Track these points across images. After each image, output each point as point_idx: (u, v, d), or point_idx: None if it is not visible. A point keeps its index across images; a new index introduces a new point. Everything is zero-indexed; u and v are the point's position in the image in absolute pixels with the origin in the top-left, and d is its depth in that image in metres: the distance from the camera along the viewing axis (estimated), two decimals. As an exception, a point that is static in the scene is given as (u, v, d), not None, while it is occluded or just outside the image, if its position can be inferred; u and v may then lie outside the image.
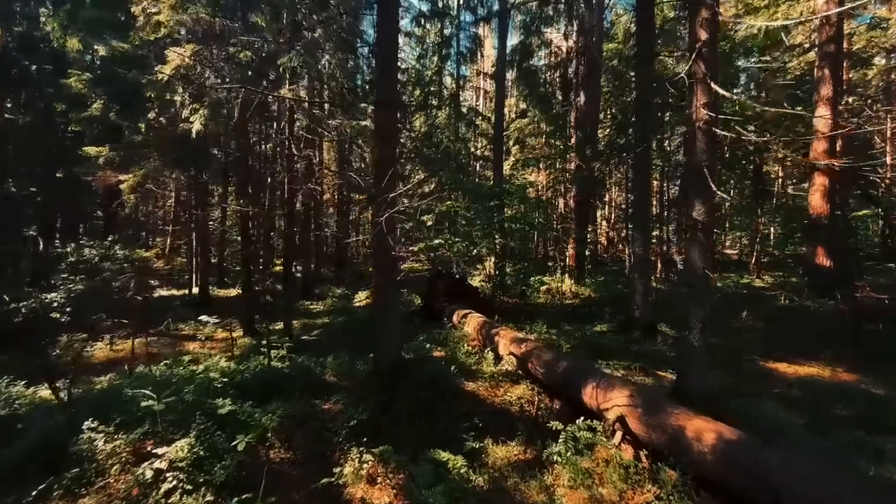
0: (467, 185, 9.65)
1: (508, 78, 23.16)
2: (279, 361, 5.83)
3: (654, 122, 7.67)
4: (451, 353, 6.54)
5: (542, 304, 11.63)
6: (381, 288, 4.75)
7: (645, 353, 6.69)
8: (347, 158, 20.52)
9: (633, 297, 7.66)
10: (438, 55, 22.08)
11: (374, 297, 5.03)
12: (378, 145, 4.93)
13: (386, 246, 4.63)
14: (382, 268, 4.67)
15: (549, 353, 5.22)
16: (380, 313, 4.83)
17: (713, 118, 4.10)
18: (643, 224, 7.50)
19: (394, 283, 4.74)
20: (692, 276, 4.17)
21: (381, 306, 4.80)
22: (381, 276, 4.71)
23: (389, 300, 4.74)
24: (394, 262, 4.71)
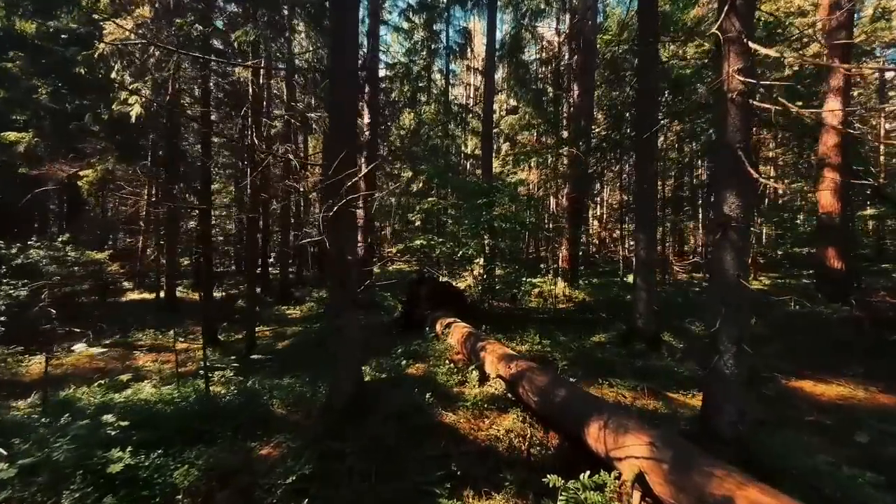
0: (453, 182, 8.72)
1: (499, 75, 22.35)
2: (223, 386, 4.85)
3: (657, 110, 6.78)
4: (430, 370, 5.60)
5: (534, 309, 10.75)
6: (334, 304, 3.80)
7: (651, 369, 5.81)
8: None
9: (636, 304, 6.79)
10: (427, 50, 21.16)
11: (327, 315, 4.03)
12: (329, 124, 3.96)
13: (339, 250, 3.68)
14: (336, 278, 3.72)
15: (544, 375, 4.30)
16: (333, 338, 3.87)
17: (749, 87, 3.21)
18: (648, 222, 6.63)
19: (351, 299, 3.79)
20: (724, 285, 3.28)
21: (334, 329, 3.84)
22: (335, 289, 3.76)
23: (345, 321, 3.78)
24: (350, 271, 3.76)
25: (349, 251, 3.77)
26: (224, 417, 3.84)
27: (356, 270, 3.86)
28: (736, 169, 3.21)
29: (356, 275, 3.86)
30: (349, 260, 3.74)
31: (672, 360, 6.10)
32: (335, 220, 3.73)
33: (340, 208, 3.66)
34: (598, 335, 7.46)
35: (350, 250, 3.76)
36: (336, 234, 3.75)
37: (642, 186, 6.63)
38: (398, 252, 8.17)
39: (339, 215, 3.71)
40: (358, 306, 3.91)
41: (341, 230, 3.75)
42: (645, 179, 6.61)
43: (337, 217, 3.73)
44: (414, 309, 8.44)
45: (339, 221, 3.75)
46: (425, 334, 7.38)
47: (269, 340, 8.98)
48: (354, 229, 3.82)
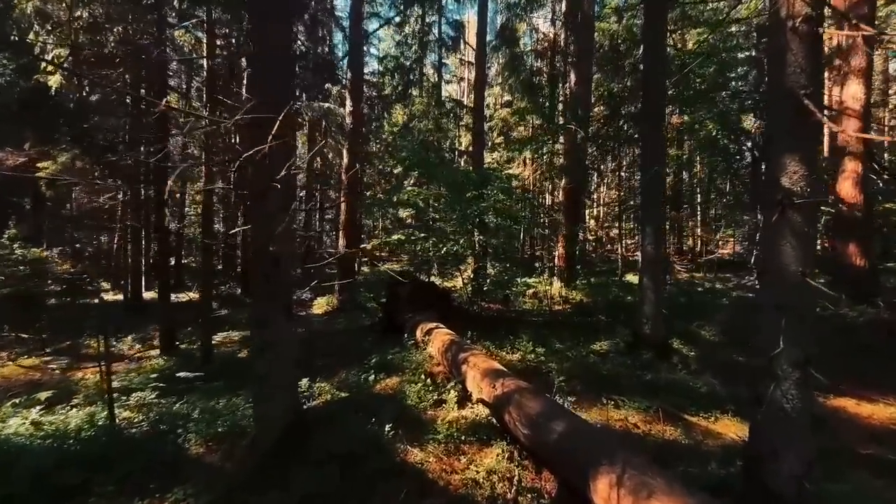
0: (439, 170, 7.78)
1: (493, 70, 21.44)
2: (138, 411, 3.88)
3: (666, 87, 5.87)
4: (402, 387, 4.66)
5: (528, 311, 9.81)
6: (259, 311, 2.85)
7: (663, 384, 4.89)
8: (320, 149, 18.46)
9: (641, 306, 5.86)
10: (419, 42, 20.22)
11: (252, 328, 3.06)
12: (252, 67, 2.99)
13: (265, 238, 2.73)
14: (262, 277, 2.78)
15: (536, 400, 3.36)
16: (260, 357, 2.91)
17: (816, 14, 2.29)
18: (655, 213, 5.70)
19: (283, 304, 2.85)
20: (782, 286, 2.35)
21: (262, 346, 2.88)
22: (260, 290, 2.81)
23: (275, 333, 2.83)
24: (281, 268, 2.81)
25: (280, 241, 2.82)
26: (117, 461, 2.88)
27: (290, 266, 2.91)
28: (799, 125, 2.29)
29: (289, 273, 2.91)
30: (279, 252, 2.80)
31: (686, 373, 5.18)
32: (260, 198, 2.79)
33: (266, 182, 2.72)
34: (600, 342, 6.53)
35: (282, 240, 2.81)
36: (261, 218, 2.81)
37: (649, 173, 5.70)
38: (373, 248, 7.23)
39: (264, 192, 2.76)
40: (291, 312, 2.96)
41: (269, 212, 2.80)
42: (651, 165, 5.68)
43: (262, 194, 2.79)
44: (394, 312, 7.50)
45: (266, 200, 2.81)
46: (404, 341, 6.44)
47: (234, 347, 8.01)
48: (285, 213, 2.86)
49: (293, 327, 3.02)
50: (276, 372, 2.85)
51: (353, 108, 10.57)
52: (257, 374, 2.88)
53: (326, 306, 10.72)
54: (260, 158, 2.66)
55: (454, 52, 21.57)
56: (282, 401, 2.88)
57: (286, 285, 2.87)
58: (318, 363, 6.38)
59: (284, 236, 2.87)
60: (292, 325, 2.99)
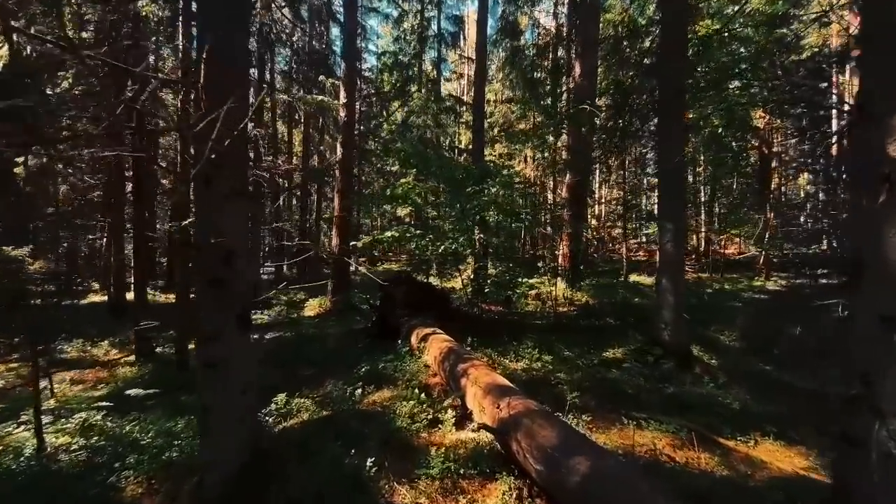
0: (435, 163, 7.16)
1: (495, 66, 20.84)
2: (84, 434, 3.27)
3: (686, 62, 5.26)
4: (392, 404, 4.05)
5: (531, 314, 9.21)
6: (207, 322, 2.23)
7: (689, 399, 4.28)
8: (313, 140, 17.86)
9: (660, 310, 5.26)
10: (418, 37, 19.64)
11: (198, 343, 2.42)
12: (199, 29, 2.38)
13: (212, 232, 2.12)
14: (212, 286, 2.16)
15: (551, 427, 2.75)
16: (205, 381, 2.28)
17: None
18: (677, 206, 5.09)
19: (237, 313, 2.24)
20: (892, 290, 1.74)
21: (207, 366, 2.26)
22: (209, 303, 2.20)
23: (225, 352, 2.21)
24: (235, 268, 2.20)
25: (233, 233, 2.20)
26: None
27: (247, 264, 2.31)
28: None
29: (245, 273, 2.31)
30: (231, 247, 2.18)
31: (713, 386, 4.56)
32: (205, 184, 2.18)
33: (212, 166, 2.11)
34: (612, 349, 5.91)
35: (234, 231, 2.20)
36: (207, 209, 2.20)
37: (668, 161, 5.10)
38: (363, 247, 6.63)
39: (209, 177, 2.16)
40: (248, 323, 2.34)
41: (216, 196, 2.19)
42: (671, 152, 5.07)
43: (208, 179, 2.18)
44: (388, 314, 6.89)
45: (213, 187, 2.20)
46: (398, 348, 5.83)
47: (217, 352, 7.41)
48: (241, 199, 2.25)
49: (251, 341, 2.41)
50: (227, 400, 2.23)
51: (348, 99, 9.97)
52: (201, 404, 2.26)
53: (319, 308, 10.11)
54: (203, 129, 2.05)
55: (454, 47, 21.01)
56: (235, 436, 2.27)
57: (241, 288, 2.26)
58: (303, 372, 5.78)
59: (237, 227, 2.26)
60: (249, 338, 2.38)
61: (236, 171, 2.26)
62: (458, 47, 21.09)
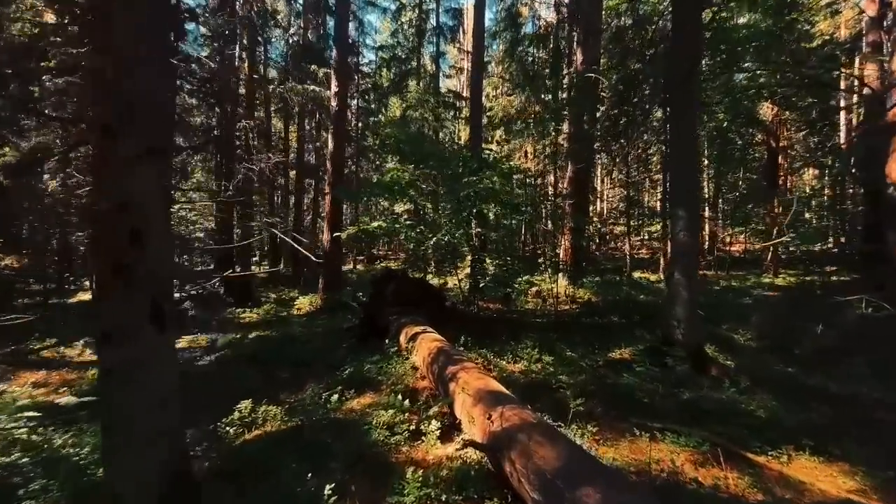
0: (427, 150, 6.65)
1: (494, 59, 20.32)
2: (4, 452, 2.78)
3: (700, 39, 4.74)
4: (372, 411, 3.56)
5: (531, 312, 8.70)
6: (112, 325, 1.75)
7: (707, 406, 3.77)
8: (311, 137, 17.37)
9: (671, 306, 4.75)
10: (416, 30, 19.15)
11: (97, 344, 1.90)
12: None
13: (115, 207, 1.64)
14: (119, 272, 1.68)
15: (550, 445, 2.24)
16: (109, 390, 1.79)
17: None
18: (689, 193, 4.58)
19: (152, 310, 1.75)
20: None
21: (109, 372, 1.77)
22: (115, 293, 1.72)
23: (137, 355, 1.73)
24: (148, 261, 1.71)
25: (144, 208, 1.71)
26: None
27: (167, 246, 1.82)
28: None
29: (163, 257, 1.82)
30: (143, 224, 1.69)
31: (735, 391, 4.05)
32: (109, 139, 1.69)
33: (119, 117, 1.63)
34: (619, 349, 5.41)
35: (148, 203, 1.71)
36: (111, 173, 1.71)
37: (680, 145, 4.59)
38: (348, 237, 6.13)
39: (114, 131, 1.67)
40: (166, 319, 1.84)
41: (124, 156, 1.70)
42: (683, 136, 4.56)
43: (112, 134, 1.69)
44: (377, 312, 6.40)
45: (119, 144, 1.71)
46: (385, 348, 5.34)
47: (196, 353, 6.92)
48: (158, 161, 1.75)
49: (170, 343, 1.91)
50: (136, 416, 1.75)
51: (339, 89, 9.48)
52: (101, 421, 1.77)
53: (310, 306, 9.63)
54: (107, 66, 1.56)
55: (453, 41, 20.50)
56: (148, 462, 1.79)
57: (156, 276, 1.77)
58: (283, 375, 5.30)
59: (152, 197, 1.77)
60: (170, 339, 1.89)
61: (153, 124, 1.77)
62: (458, 41, 20.58)
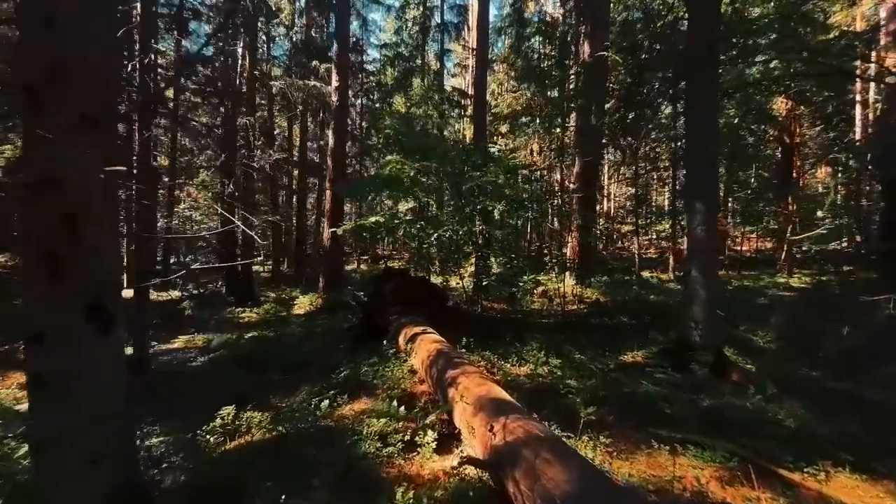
0: (426, 142, 6.35)
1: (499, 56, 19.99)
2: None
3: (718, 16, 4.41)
4: (364, 417, 3.27)
5: (537, 312, 8.39)
6: (42, 326, 1.48)
7: (730, 413, 3.43)
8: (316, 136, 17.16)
9: (689, 307, 4.42)
10: (420, 27, 18.89)
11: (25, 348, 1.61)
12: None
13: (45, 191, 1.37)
14: (42, 271, 1.42)
15: (559, 463, 1.94)
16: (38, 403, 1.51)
17: None
18: (709, 186, 4.24)
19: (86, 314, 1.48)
20: None
21: (38, 382, 1.50)
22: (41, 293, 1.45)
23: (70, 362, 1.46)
24: (82, 251, 1.43)
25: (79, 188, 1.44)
26: None
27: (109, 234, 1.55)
28: None
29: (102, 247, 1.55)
30: (79, 205, 1.43)
31: (760, 398, 3.71)
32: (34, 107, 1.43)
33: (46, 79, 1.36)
34: (631, 351, 5.08)
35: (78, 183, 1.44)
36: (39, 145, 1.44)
37: (697, 131, 4.26)
38: (345, 232, 5.85)
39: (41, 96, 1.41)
40: (106, 322, 1.57)
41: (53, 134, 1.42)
42: (701, 116, 4.23)
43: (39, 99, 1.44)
44: (376, 312, 6.12)
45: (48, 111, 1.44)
46: (383, 349, 5.05)
47: (190, 354, 6.69)
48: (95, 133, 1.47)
49: (114, 348, 1.64)
50: (71, 434, 1.48)
51: (340, 82, 9.24)
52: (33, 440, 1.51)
53: (310, 305, 9.40)
54: None
55: (457, 38, 20.20)
56: (93, 484, 1.51)
57: (94, 270, 1.50)
58: (276, 377, 5.05)
59: (88, 176, 1.50)
60: (114, 343, 1.61)
61: (90, 91, 1.50)
62: (462, 38, 20.27)
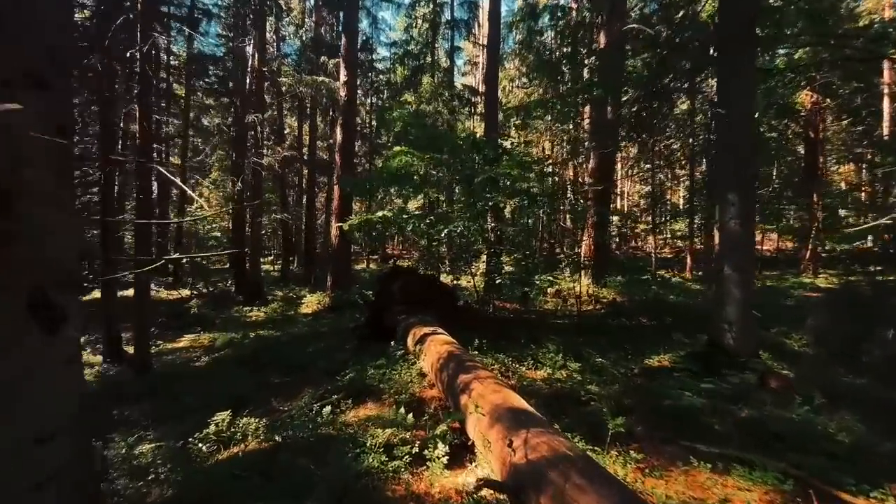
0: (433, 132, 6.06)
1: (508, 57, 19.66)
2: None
3: None
4: (370, 426, 3.00)
5: (551, 312, 8.05)
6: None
7: (775, 426, 3.07)
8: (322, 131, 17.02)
9: (721, 307, 4.05)
10: (430, 24, 18.63)
11: None
12: None
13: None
14: None
15: (596, 489, 1.64)
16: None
17: None
18: (743, 175, 3.87)
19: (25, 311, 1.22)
20: None
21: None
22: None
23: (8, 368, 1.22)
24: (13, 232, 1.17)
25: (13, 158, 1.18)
26: None
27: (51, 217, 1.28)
28: None
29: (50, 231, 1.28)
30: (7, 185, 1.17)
31: (808, 409, 3.33)
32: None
33: None
34: (656, 355, 4.72)
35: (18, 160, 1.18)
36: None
37: (731, 114, 3.89)
38: (349, 227, 5.58)
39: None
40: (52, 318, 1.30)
41: None
42: (738, 97, 3.86)
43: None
44: (383, 311, 5.86)
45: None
46: (391, 350, 4.78)
47: (195, 353, 6.52)
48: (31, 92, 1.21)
49: (70, 349, 1.38)
50: (13, 450, 1.23)
51: (348, 77, 9.02)
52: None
53: (317, 304, 9.18)
54: None
55: (468, 34, 19.90)
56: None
57: (34, 256, 1.24)
58: (277, 379, 4.81)
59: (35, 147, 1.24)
60: (64, 343, 1.35)
61: (34, 46, 1.24)
62: (472, 34, 19.96)
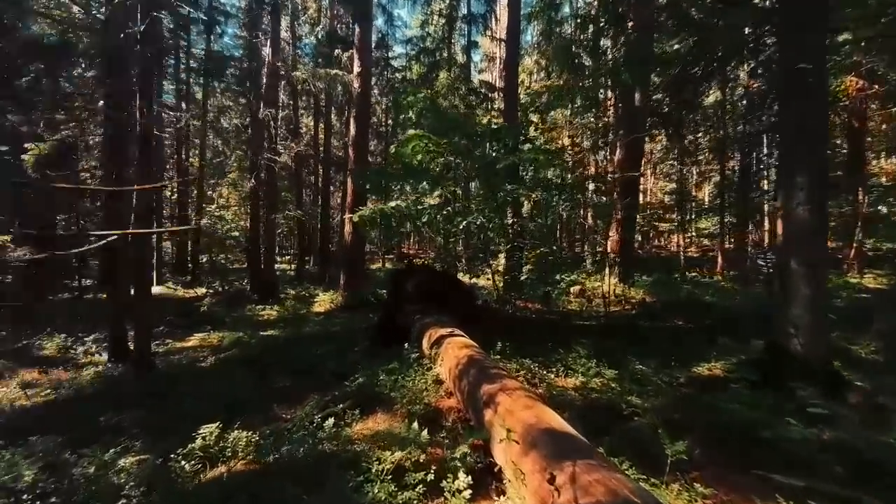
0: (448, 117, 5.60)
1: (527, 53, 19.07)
2: None
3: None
4: (378, 443, 2.56)
5: (575, 313, 7.48)
6: None
7: (868, 453, 2.50)
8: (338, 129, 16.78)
9: (786, 307, 3.46)
10: (446, 18, 18.21)
11: None
12: None
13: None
14: None
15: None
16: None
17: None
18: (814, 153, 3.28)
19: None
20: None
21: None
22: None
23: None
24: None
25: None
26: None
27: None
28: None
29: None
30: None
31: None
32: None
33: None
34: (705, 362, 4.14)
35: None
36: None
37: (799, 81, 3.30)
38: (361, 219, 5.17)
39: None
40: None
41: None
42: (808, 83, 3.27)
43: None
44: (397, 310, 5.43)
45: None
46: (405, 352, 4.33)
47: (202, 352, 6.23)
48: None
49: None
50: None
51: (361, 69, 8.66)
52: None
53: (330, 304, 8.85)
54: None
55: (485, 29, 19.38)
56: None
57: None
58: (281, 384, 4.43)
59: None
60: None
61: None
62: (490, 28, 19.43)
